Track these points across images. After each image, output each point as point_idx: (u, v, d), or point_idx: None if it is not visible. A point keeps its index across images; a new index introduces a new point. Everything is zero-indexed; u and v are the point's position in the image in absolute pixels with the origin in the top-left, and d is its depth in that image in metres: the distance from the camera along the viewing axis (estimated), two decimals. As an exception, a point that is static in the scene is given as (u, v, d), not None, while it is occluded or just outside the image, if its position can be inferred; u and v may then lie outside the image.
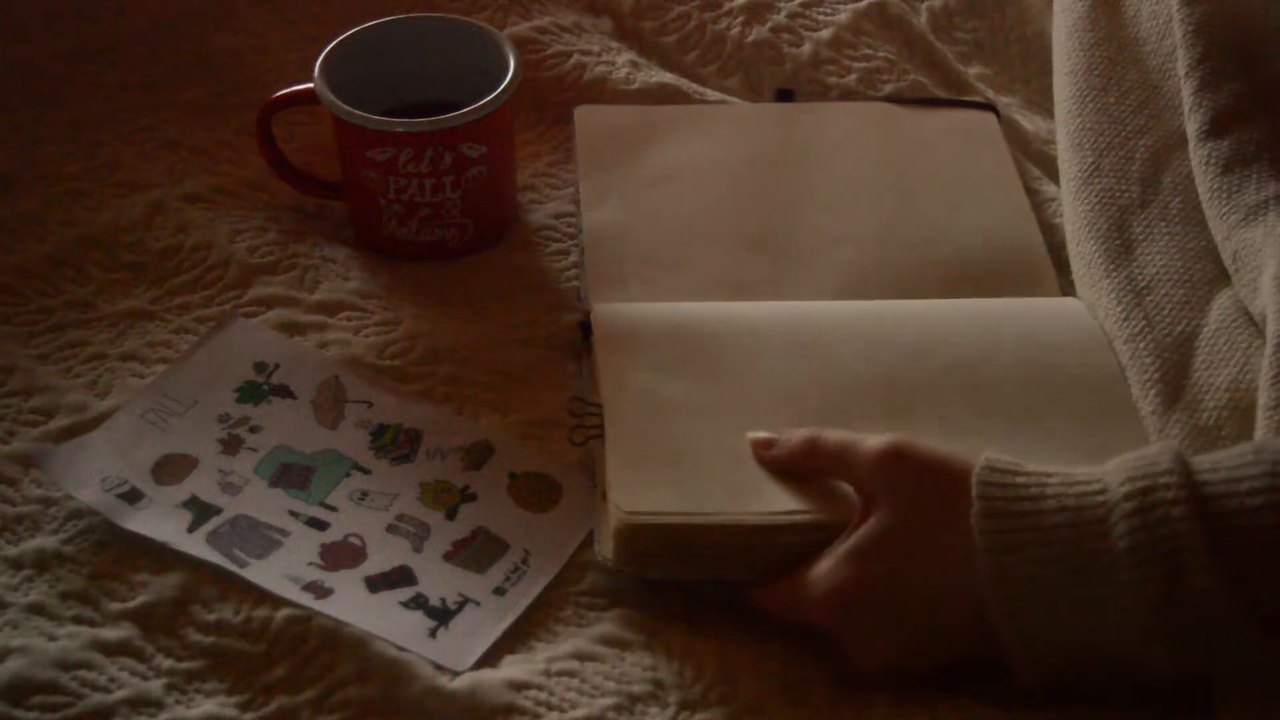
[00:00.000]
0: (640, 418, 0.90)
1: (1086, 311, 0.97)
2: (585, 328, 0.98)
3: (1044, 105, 1.17)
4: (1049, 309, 0.99)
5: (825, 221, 1.06)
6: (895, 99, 1.17)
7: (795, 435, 0.86)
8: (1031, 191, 1.10)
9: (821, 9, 1.23)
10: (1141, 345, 0.93)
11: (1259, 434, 0.84)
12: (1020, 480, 0.79)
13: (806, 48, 1.21)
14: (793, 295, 1.00)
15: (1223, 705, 0.78)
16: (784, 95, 1.18)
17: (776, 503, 0.86)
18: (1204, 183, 0.96)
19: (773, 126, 1.14)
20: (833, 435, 0.85)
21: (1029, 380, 0.93)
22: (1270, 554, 0.74)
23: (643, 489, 0.86)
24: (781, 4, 1.23)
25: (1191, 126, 0.99)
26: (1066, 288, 1.02)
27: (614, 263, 1.03)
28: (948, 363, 0.94)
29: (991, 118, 1.15)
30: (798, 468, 0.86)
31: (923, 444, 0.82)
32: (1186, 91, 1.00)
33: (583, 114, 1.13)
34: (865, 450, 0.82)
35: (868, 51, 1.21)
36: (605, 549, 0.87)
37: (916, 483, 0.81)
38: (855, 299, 1.00)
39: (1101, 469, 0.78)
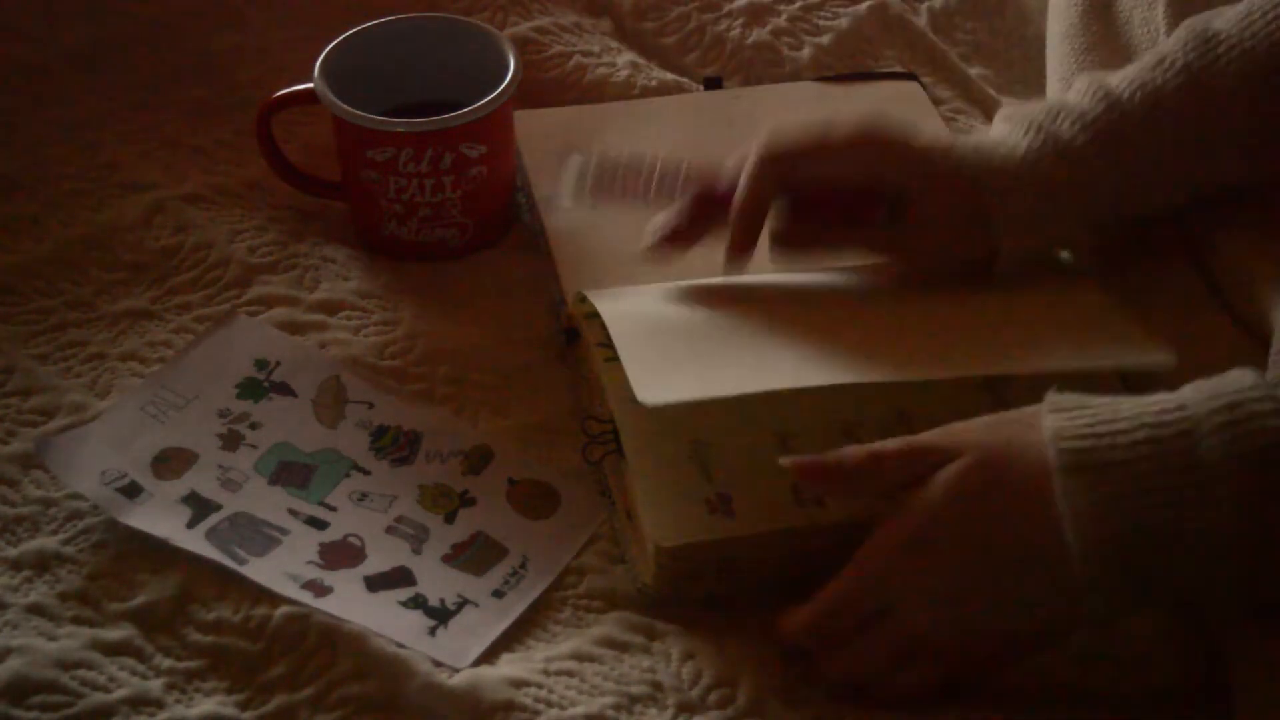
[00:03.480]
0: (657, 436, 0.89)
1: None
2: (570, 333, 0.97)
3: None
4: None
5: None
6: (820, 78, 1.18)
7: (849, 456, 0.81)
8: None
9: (822, 12, 1.23)
10: None
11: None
12: (1093, 405, 0.76)
13: (807, 51, 1.21)
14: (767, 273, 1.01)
15: (1244, 708, 0.77)
16: (713, 83, 1.18)
17: (827, 512, 0.85)
18: None
19: (710, 114, 1.15)
20: (892, 443, 0.81)
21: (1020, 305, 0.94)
22: None
23: (676, 516, 0.85)
24: (782, 7, 1.23)
25: None
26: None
27: (587, 262, 1.02)
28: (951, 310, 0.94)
29: (915, 86, 1.16)
30: (863, 484, 0.82)
31: (976, 423, 0.80)
32: None
33: (522, 120, 1.11)
34: (928, 440, 0.79)
35: (869, 54, 1.21)
36: (640, 572, 0.87)
37: (986, 439, 0.78)
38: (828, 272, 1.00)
39: (1174, 395, 0.76)
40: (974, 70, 1.21)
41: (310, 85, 1.03)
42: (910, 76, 1.18)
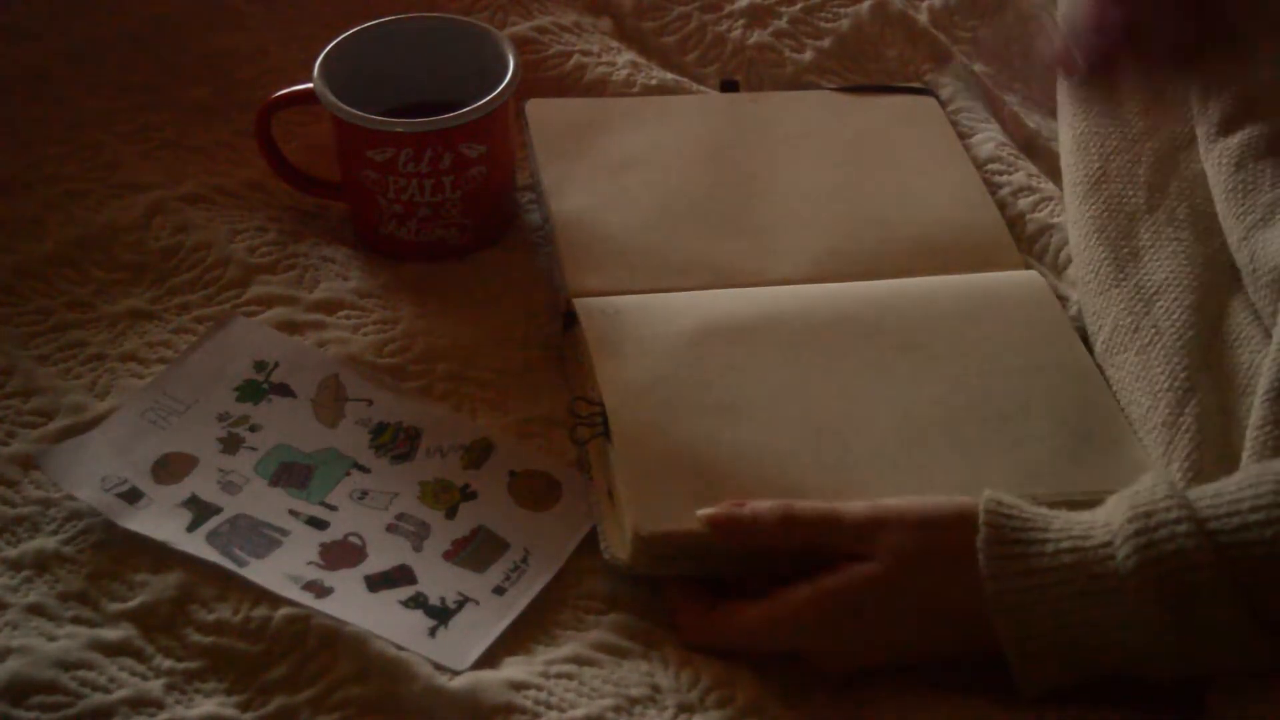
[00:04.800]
0: (645, 422, 0.90)
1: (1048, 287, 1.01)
2: (569, 316, 0.98)
3: (1044, 104, 1.17)
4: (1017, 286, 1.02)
5: (790, 204, 1.07)
6: (837, 87, 1.18)
7: (763, 508, 0.84)
8: (1029, 190, 1.10)
9: (823, 14, 1.23)
10: (1153, 355, 0.93)
11: (1246, 453, 0.84)
12: (1026, 514, 0.80)
13: (809, 54, 1.21)
14: (768, 276, 1.01)
15: (1216, 707, 0.78)
16: (729, 86, 1.18)
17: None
18: (1219, 182, 0.96)
19: (724, 115, 1.15)
20: (807, 507, 0.83)
21: (1014, 370, 0.95)
22: (1277, 568, 0.75)
23: (659, 502, 0.86)
24: (783, 9, 1.23)
25: (1202, 129, 0.98)
26: (1027, 258, 1.06)
27: (588, 248, 1.02)
28: (933, 352, 0.96)
29: (932, 101, 1.16)
30: (772, 542, 0.84)
31: (903, 501, 0.82)
32: (1195, 94, 1.00)
33: (534, 107, 1.12)
34: (847, 520, 0.82)
35: (871, 55, 1.21)
36: (615, 550, 0.87)
37: (906, 543, 0.81)
38: (829, 280, 1.01)
39: (1103, 508, 0.79)
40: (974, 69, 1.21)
41: (310, 85, 1.03)
42: (927, 91, 1.17)
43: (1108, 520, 0.78)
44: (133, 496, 0.90)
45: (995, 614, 0.78)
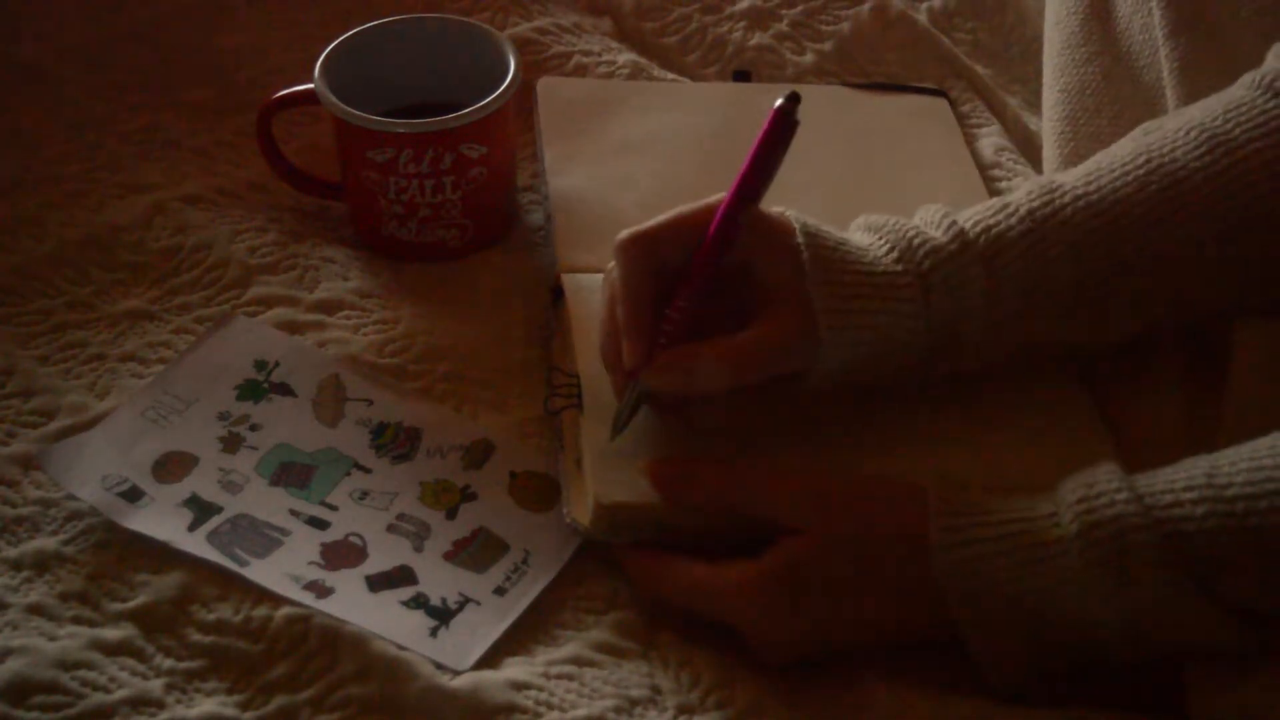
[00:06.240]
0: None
1: None
2: (556, 291, 0.98)
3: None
4: None
5: (790, 197, 1.07)
6: (850, 83, 1.18)
7: (705, 467, 0.86)
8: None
9: (824, 15, 1.23)
10: None
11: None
12: (973, 493, 0.82)
13: (809, 57, 1.21)
14: None
15: (1195, 695, 0.79)
16: (741, 76, 1.18)
17: None
18: None
19: (733, 104, 1.15)
20: (748, 473, 0.85)
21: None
22: (1215, 548, 0.76)
23: (622, 475, 0.86)
24: (784, 11, 1.23)
25: None
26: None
27: (583, 226, 1.03)
28: None
29: (943, 102, 1.16)
30: (710, 502, 0.85)
31: (843, 477, 0.84)
32: None
33: (545, 85, 1.13)
34: (785, 490, 0.83)
35: (873, 58, 1.21)
36: (576, 515, 0.88)
37: (847, 510, 0.82)
38: None
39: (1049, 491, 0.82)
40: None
41: (310, 86, 1.03)
42: (939, 93, 1.18)
43: (1051, 495, 0.81)
44: (133, 496, 0.90)
45: (946, 585, 0.79)
